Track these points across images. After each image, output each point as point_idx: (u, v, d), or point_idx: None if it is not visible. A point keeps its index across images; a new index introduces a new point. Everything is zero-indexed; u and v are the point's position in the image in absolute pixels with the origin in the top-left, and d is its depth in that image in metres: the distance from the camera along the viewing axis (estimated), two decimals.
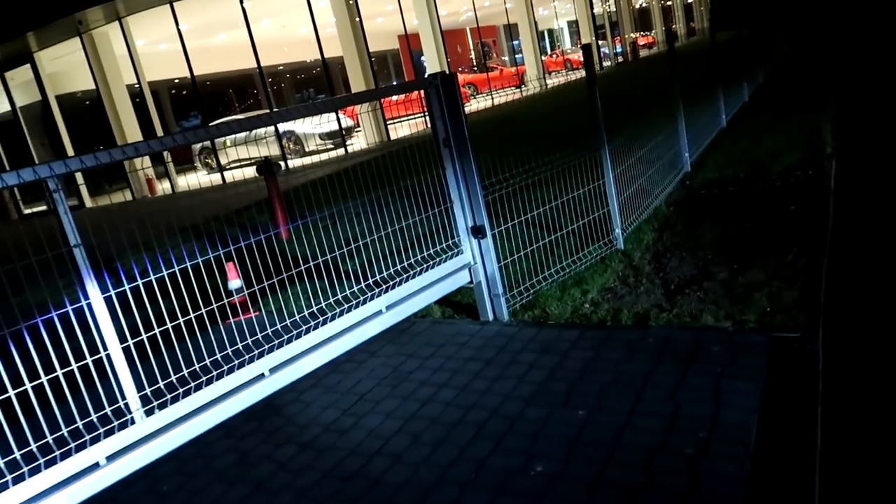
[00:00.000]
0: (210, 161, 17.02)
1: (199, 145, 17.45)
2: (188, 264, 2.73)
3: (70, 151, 15.90)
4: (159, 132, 14.90)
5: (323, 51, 14.61)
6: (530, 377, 3.01)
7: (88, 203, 16.03)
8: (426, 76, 3.47)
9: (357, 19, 15.14)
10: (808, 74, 13.06)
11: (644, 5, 38.87)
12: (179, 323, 2.60)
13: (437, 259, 3.56)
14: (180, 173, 18.82)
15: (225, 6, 14.73)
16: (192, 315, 2.64)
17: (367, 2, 15.58)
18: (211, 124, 16.52)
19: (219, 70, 21.99)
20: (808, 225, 4.35)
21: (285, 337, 2.84)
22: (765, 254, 4.01)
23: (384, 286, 3.31)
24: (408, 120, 21.65)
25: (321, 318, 2.98)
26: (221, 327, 2.75)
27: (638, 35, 35.46)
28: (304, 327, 2.91)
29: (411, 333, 3.81)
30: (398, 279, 3.38)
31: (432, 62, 18.08)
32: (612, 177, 4.49)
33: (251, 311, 4.56)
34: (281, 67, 27.25)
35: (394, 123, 17.47)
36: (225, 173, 14.86)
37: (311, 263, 3.31)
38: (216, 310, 2.79)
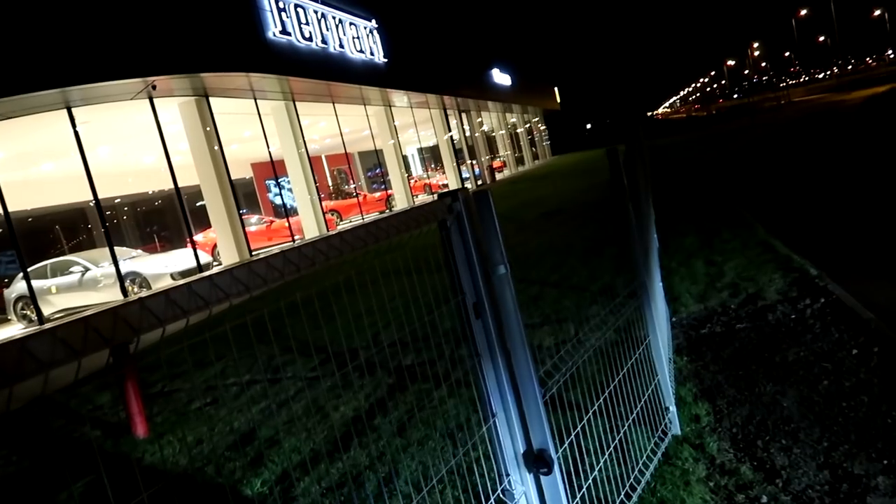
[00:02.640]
0: (29, 312, 13.97)
1: (14, 293, 14.38)
2: None
3: None
4: None
5: (177, 180, 12.70)
6: None
7: None
8: (439, 195, 1.99)
9: (217, 147, 13.49)
10: (685, 184, 13.13)
11: (491, 133, 40.66)
12: None
13: None
14: None
15: (53, 131, 12.54)
16: None
17: (223, 129, 14.06)
18: (36, 266, 13.67)
19: (44, 204, 19.09)
20: None
21: None
22: None
23: None
24: (273, 250, 19.81)
25: None
26: None
27: (492, 159, 36.68)
28: None
29: None
30: None
31: (300, 189, 16.67)
32: (657, 332, 3.15)
33: None
34: (118, 200, 24.58)
35: (260, 253, 15.62)
36: (52, 326, 12.02)
37: None
38: None
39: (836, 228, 7.20)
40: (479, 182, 31.50)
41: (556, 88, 56.78)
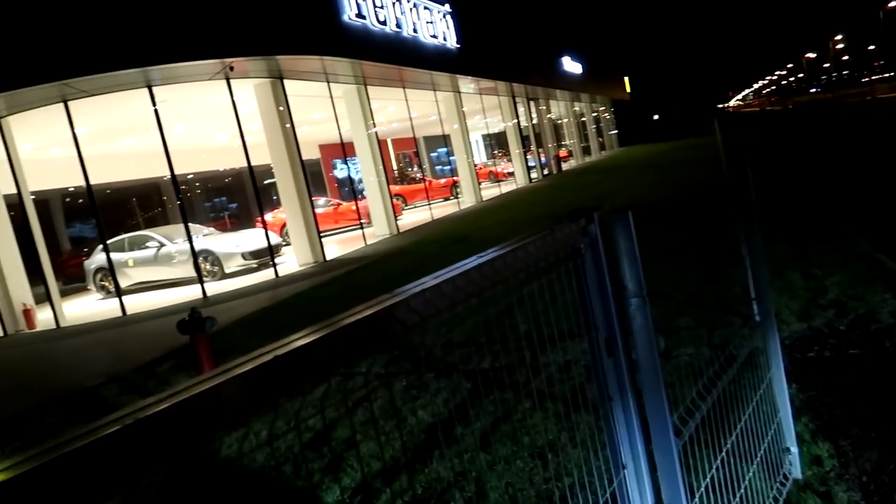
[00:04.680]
0: (107, 283, 14.46)
1: (94, 264, 14.90)
2: None
3: None
4: (41, 247, 12.37)
5: (250, 159, 12.83)
6: None
7: None
8: (569, 214, 1.76)
9: (288, 126, 13.57)
10: (765, 186, 12.40)
11: (558, 121, 39.91)
12: None
13: None
14: (68, 296, 16.04)
15: (134, 108, 12.83)
16: None
17: (295, 110, 14.10)
18: (113, 239, 14.10)
19: (122, 178, 19.70)
20: None
21: None
22: None
23: None
24: (339, 234, 19.97)
25: None
26: None
27: (559, 148, 36.04)
28: None
29: None
30: None
31: (367, 172, 16.67)
32: (780, 364, 2.85)
33: None
34: (191, 176, 25.21)
35: (325, 236, 15.72)
36: (126, 299, 12.38)
37: None
38: None
39: None
40: (546, 171, 30.99)
41: (626, 78, 55.30)
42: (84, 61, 10.33)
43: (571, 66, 34.53)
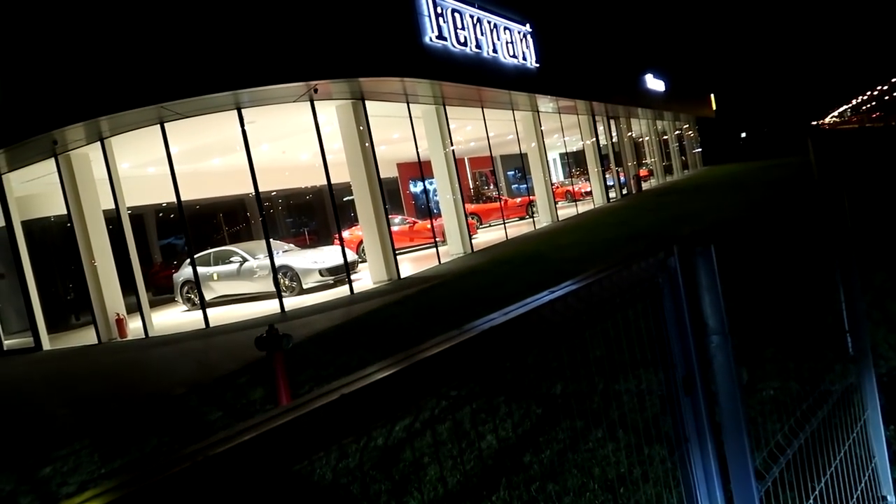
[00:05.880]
0: (193, 296, 15.12)
1: (181, 277, 15.64)
2: None
3: (31, 283, 13.93)
4: (134, 259, 13.07)
5: (330, 178, 13.19)
6: None
7: (47, 344, 13.84)
8: (647, 246, 1.71)
9: (367, 145, 13.89)
10: (863, 206, 11.64)
11: (639, 139, 39.11)
12: None
13: None
14: (158, 307, 16.89)
15: (223, 129, 13.45)
16: None
17: (374, 130, 14.43)
18: (198, 254, 14.75)
19: (209, 195, 20.65)
20: None
21: None
22: None
23: None
24: (414, 251, 20.22)
25: None
26: None
27: (639, 167, 35.29)
28: None
29: None
30: None
31: (444, 191, 16.82)
32: (877, 406, 2.66)
33: None
34: (273, 193, 26.14)
35: (400, 254, 15.92)
36: (209, 311, 12.91)
37: None
38: None
39: None
40: (624, 191, 30.38)
41: (712, 95, 53.70)
42: (182, 85, 10.95)
43: (654, 83, 33.86)
